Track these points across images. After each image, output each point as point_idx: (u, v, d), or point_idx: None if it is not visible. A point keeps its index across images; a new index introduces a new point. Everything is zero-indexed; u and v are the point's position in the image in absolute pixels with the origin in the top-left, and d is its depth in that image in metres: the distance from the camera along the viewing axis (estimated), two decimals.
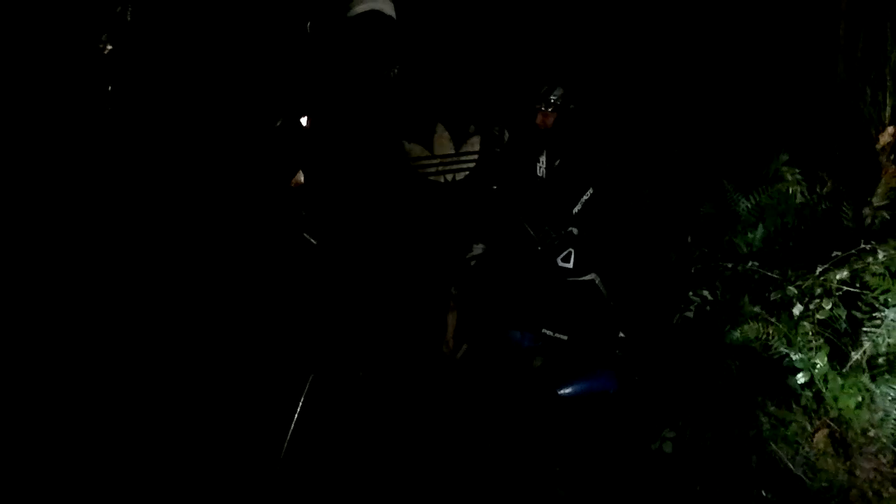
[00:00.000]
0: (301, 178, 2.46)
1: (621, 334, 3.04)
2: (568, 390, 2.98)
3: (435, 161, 2.75)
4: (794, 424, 2.36)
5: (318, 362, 2.56)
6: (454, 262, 3.00)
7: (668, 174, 3.29)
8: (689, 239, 3.01)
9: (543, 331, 3.07)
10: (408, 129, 2.74)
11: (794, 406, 2.40)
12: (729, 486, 2.57)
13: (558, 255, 3.11)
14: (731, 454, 2.61)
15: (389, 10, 2.67)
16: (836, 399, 2.26)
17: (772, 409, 2.43)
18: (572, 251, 3.10)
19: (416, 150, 2.80)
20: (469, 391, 3.02)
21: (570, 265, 3.10)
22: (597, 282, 3.08)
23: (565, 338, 3.06)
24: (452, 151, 2.65)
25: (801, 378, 2.36)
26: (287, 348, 2.74)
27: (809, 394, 2.35)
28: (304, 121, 2.60)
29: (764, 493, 2.51)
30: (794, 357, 2.36)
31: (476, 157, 2.66)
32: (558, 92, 3.19)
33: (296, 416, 2.42)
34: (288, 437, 2.43)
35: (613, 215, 3.24)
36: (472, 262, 3.18)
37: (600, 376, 3.00)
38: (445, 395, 2.99)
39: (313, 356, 2.58)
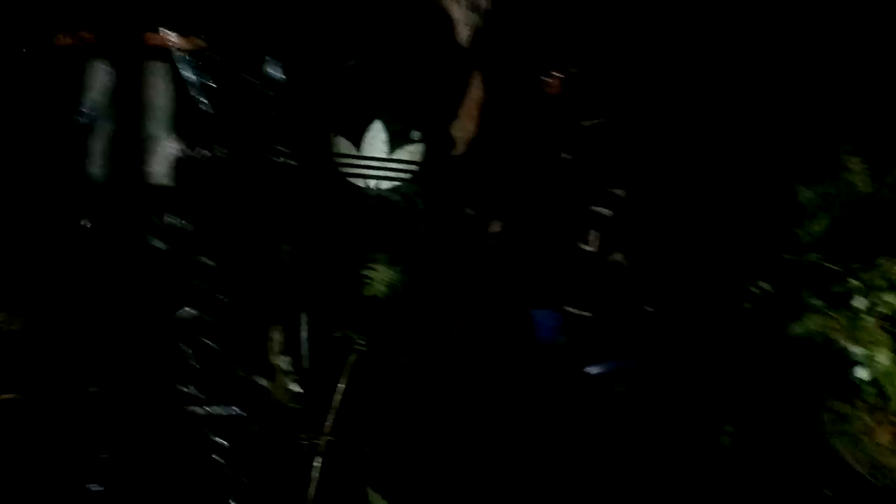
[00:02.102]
0: None
1: (648, 308, 2.99)
2: (595, 368, 2.95)
3: (360, 162, 2.54)
4: (857, 421, 2.30)
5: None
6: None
7: (717, 161, 3.22)
8: (754, 229, 2.94)
9: (566, 308, 3.04)
10: (341, 122, 2.56)
11: (856, 402, 2.34)
12: (789, 483, 2.53)
13: (581, 238, 3.07)
14: (792, 450, 2.57)
15: None
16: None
17: (833, 404, 2.37)
18: (597, 233, 3.06)
19: (342, 144, 2.60)
20: (493, 373, 2.99)
21: (593, 248, 3.07)
22: (622, 262, 3.04)
23: (589, 314, 3.03)
24: (385, 156, 2.45)
25: (862, 373, 2.30)
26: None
27: (872, 390, 2.30)
28: None
29: (826, 491, 2.46)
30: (856, 351, 2.30)
31: (412, 167, 2.42)
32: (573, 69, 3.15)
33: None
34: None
35: (648, 197, 3.18)
36: (490, 241, 3.17)
37: (627, 354, 2.97)
38: (467, 378, 2.95)
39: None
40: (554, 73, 3.19)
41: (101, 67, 2.10)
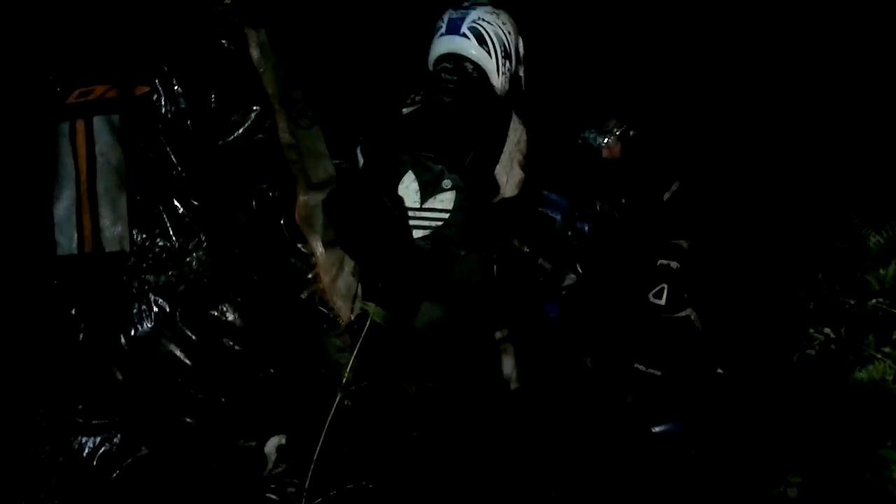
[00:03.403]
0: None
1: (719, 370, 2.94)
2: (662, 427, 2.92)
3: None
4: None
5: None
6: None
7: (785, 205, 3.17)
8: (820, 276, 2.88)
9: (635, 366, 3.02)
10: (379, 173, 2.56)
11: None
12: None
13: (650, 291, 3.05)
14: (858, 501, 2.46)
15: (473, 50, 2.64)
16: None
17: (888, 453, 2.27)
18: (665, 287, 3.03)
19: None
20: (558, 426, 3.01)
21: (663, 301, 3.03)
22: (692, 317, 3.00)
23: (658, 373, 3.00)
24: (416, 205, 2.43)
25: None
26: None
27: None
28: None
29: None
30: None
31: (445, 216, 2.40)
32: (612, 122, 3.21)
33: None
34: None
35: (715, 247, 3.15)
36: (564, 293, 3.21)
37: (697, 415, 2.91)
38: (530, 431, 2.95)
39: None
40: (613, 134, 3.28)
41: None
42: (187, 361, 1.95)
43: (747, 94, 3.56)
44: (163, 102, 1.91)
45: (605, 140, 3.24)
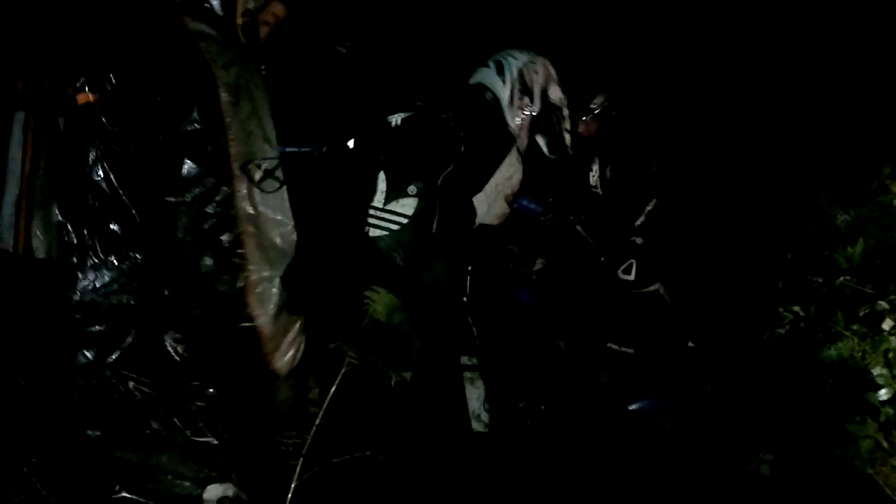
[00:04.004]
0: None
1: (690, 344, 2.97)
2: (638, 405, 2.95)
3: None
4: (866, 441, 2.25)
5: None
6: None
7: (751, 186, 3.20)
8: (789, 255, 2.92)
9: (609, 345, 3.05)
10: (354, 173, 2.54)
11: (869, 423, 2.28)
12: None
13: (619, 267, 3.08)
14: (829, 477, 2.51)
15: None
16: None
17: (855, 428, 2.32)
18: (634, 262, 3.06)
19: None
20: (536, 409, 3.02)
21: (632, 277, 3.06)
22: (661, 291, 3.03)
23: (631, 351, 3.03)
24: (379, 204, 2.41)
25: (883, 394, 2.25)
26: None
27: (891, 410, 2.24)
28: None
29: None
30: (876, 372, 2.26)
31: (404, 219, 2.37)
32: (599, 99, 3.21)
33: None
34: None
35: (682, 224, 3.17)
36: (534, 277, 3.23)
37: (671, 389, 2.95)
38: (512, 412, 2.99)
39: None
40: (592, 112, 3.27)
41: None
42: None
43: (720, 78, 3.57)
44: (104, 120, 1.83)
45: (584, 117, 3.25)
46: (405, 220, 2.35)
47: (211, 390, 1.91)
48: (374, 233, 2.36)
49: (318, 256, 2.23)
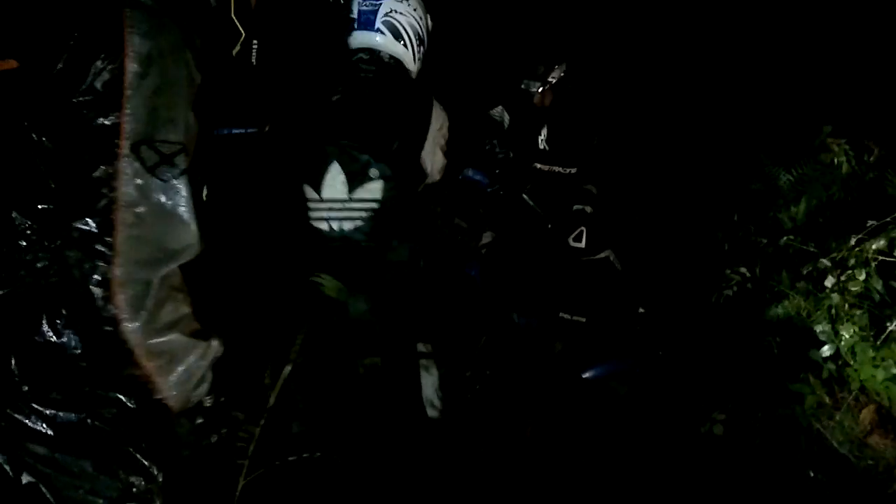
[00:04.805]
0: None
1: (641, 310, 2.99)
2: (591, 373, 2.96)
3: (322, 206, 2.39)
4: (810, 398, 2.29)
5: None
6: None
7: (696, 149, 3.22)
8: (735, 217, 2.94)
9: (561, 315, 3.05)
10: (302, 165, 2.43)
11: (813, 381, 2.33)
12: (779, 467, 2.53)
13: (569, 235, 3.07)
14: (780, 434, 2.56)
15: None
16: (857, 371, 2.18)
17: (796, 386, 2.37)
18: (584, 230, 3.05)
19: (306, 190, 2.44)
20: (491, 383, 3.03)
21: (583, 244, 3.05)
22: (611, 258, 3.03)
23: (584, 320, 3.03)
24: (344, 197, 2.35)
25: (826, 351, 2.29)
26: None
27: (833, 366, 2.28)
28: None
29: (812, 473, 2.45)
30: (819, 329, 2.29)
31: (374, 205, 2.32)
32: (556, 72, 3.21)
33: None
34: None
35: (629, 191, 3.18)
36: (483, 251, 3.22)
37: (624, 355, 2.96)
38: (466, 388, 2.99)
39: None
40: (549, 83, 3.26)
41: None
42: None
43: (664, 48, 3.58)
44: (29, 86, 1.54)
45: (539, 88, 3.25)
46: (376, 206, 2.33)
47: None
48: (349, 225, 2.34)
49: (253, 251, 2.16)
